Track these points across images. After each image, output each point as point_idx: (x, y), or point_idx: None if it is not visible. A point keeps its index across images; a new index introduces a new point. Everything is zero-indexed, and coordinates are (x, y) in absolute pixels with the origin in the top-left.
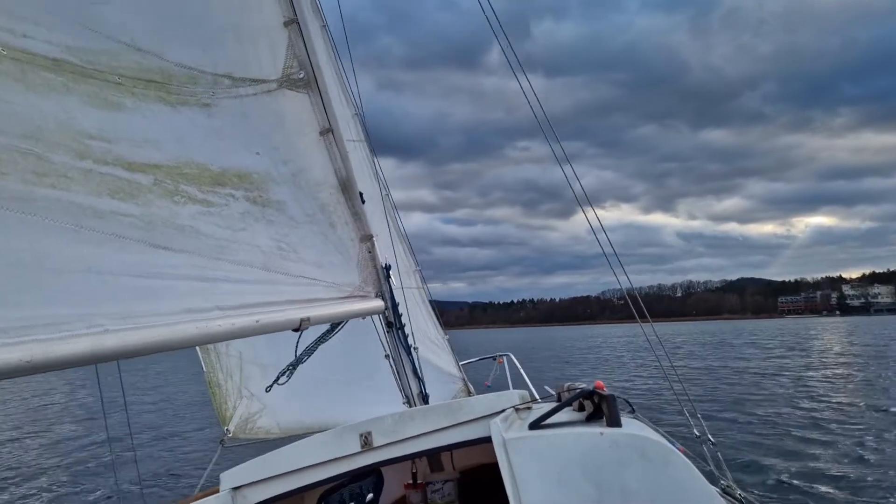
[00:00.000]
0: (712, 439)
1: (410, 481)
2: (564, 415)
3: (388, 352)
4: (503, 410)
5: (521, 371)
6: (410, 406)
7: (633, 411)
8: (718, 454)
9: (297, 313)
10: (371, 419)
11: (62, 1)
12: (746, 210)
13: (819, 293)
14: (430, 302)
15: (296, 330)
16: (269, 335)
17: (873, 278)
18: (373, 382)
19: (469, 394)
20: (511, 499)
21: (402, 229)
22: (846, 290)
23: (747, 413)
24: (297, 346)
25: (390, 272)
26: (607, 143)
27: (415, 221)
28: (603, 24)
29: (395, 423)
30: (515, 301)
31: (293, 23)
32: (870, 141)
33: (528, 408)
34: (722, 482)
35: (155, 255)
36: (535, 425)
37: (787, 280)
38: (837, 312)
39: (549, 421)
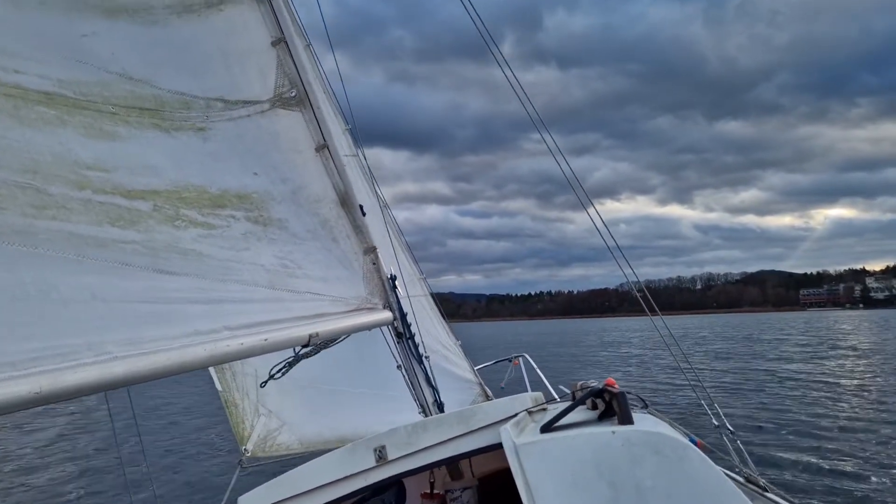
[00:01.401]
0: (731, 428)
1: (428, 490)
2: (578, 414)
3: (400, 362)
4: (516, 414)
5: (538, 371)
6: (426, 415)
7: (646, 406)
8: (738, 443)
9: (305, 329)
10: (384, 432)
11: (52, 35)
12: (764, 202)
13: (842, 286)
14: (440, 308)
15: (305, 346)
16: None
17: None
18: (391, 392)
19: (487, 398)
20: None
21: (403, 239)
22: (870, 282)
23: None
24: (295, 349)
25: (396, 282)
26: (623, 135)
27: (430, 214)
28: (616, 15)
29: (409, 434)
30: (533, 293)
31: (281, 42)
32: (890, 131)
33: (544, 409)
34: (745, 471)
35: (160, 280)
36: (546, 428)
37: (808, 272)
38: (861, 305)
39: (561, 422)
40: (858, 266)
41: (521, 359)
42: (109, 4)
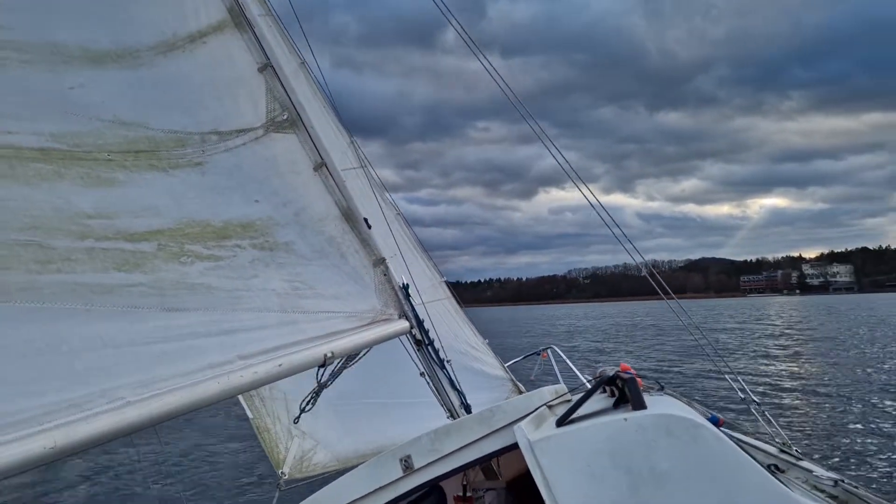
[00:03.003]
0: (756, 399)
1: (461, 493)
2: (597, 403)
3: (423, 369)
4: (536, 410)
5: (568, 362)
6: (454, 419)
7: (661, 388)
8: (766, 413)
9: (320, 350)
10: (408, 442)
11: (40, 92)
12: (703, 191)
13: (780, 272)
14: (463, 309)
15: (321, 366)
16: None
17: (832, 258)
18: (421, 398)
19: (519, 393)
20: (546, 501)
21: (419, 244)
22: (806, 269)
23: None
24: (317, 373)
25: (409, 290)
26: (567, 124)
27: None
28: (559, 4)
29: (433, 441)
30: (482, 280)
31: (267, 67)
32: (820, 124)
33: (567, 401)
34: (777, 440)
35: (169, 318)
36: (561, 421)
37: (748, 260)
38: (798, 291)
39: (578, 413)
40: (794, 253)
41: (549, 351)
42: (94, 53)
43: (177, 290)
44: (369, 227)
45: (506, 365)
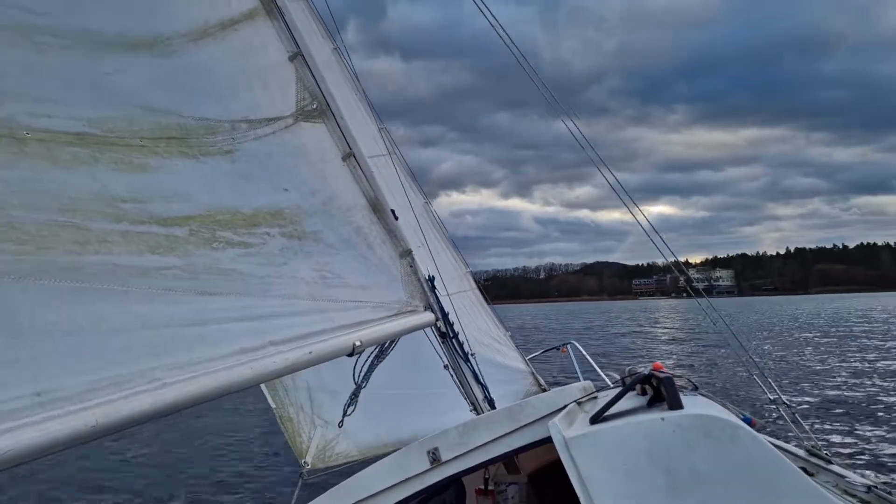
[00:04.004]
0: (787, 401)
1: (482, 486)
2: (628, 401)
3: (447, 362)
4: (565, 406)
5: (588, 357)
6: (477, 413)
7: (695, 388)
8: (796, 415)
9: (348, 339)
10: (436, 434)
11: (77, 77)
12: (597, 198)
13: (668, 276)
14: (488, 301)
15: (350, 355)
16: (333, 361)
17: (715, 263)
18: (443, 390)
19: (540, 387)
20: (581, 498)
21: (447, 236)
22: (692, 273)
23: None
24: (353, 372)
25: (434, 283)
26: (467, 129)
27: None
28: (457, 9)
29: (461, 434)
30: None
31: (297, 56)
32: (702, 137)
33: (594, 398)
34: (806, 442)
35: (203, 302)
36: (595, 419)
37: (640, 264)
38: (684, 295)
39: (611, 411)
40: (682, 259)
41: (569, 346)
42: (130, 41)
43: (209, 275)
44: (396, 217)
45: (527, 358)
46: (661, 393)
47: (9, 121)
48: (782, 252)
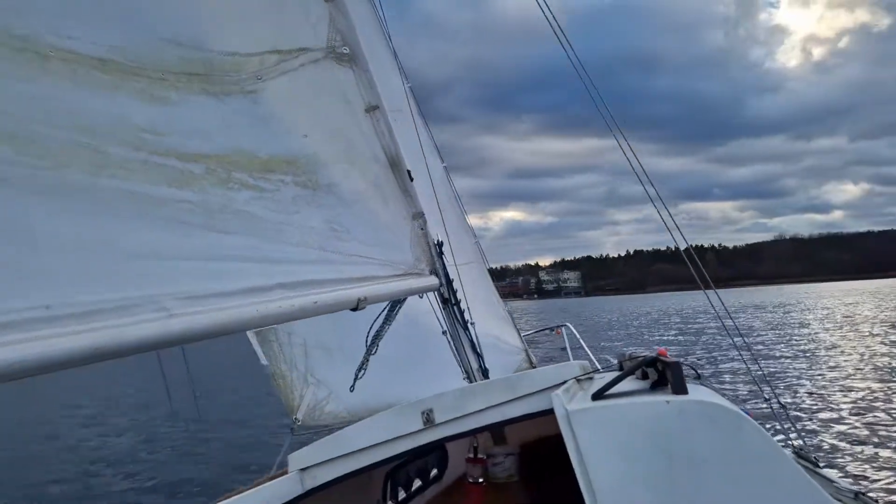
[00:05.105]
0: (781, 401)
1: (471, 455)
2: (627, 384)
3: (446, 328)
4: (564, 382)
5: (581, 341)
6: (471, 381)
7: (698, 377)
8: (789, 417)
9: (354, 292)
10: (432, 396)
11: (104, 2)
12: None
13: (521, 278)
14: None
15: (353, 309)
16: (334, 317)
17: (563, 265)
18: (436, 359)
19: (532, 365)
20: (577, 472)
21: (459, 201)
22: (542, 276)
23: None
24: (367, 337)
25: (443, 248)
26: None
27: None
28: None
29: (457, 399)
30: None
31: None
32: (547, 146)
33: (590, 378)
34: (794, 444)
35: (216, 239)
36: (598, 396)
37: (494, 267)
38: (536, 296)
39: (612, 391)
40: (532, 262)
41: (563, 328)
42: None
43: (223, 214)
44: (412, 178)
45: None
46: (664, 378)
47: (34, 37)
48: (623, 254)
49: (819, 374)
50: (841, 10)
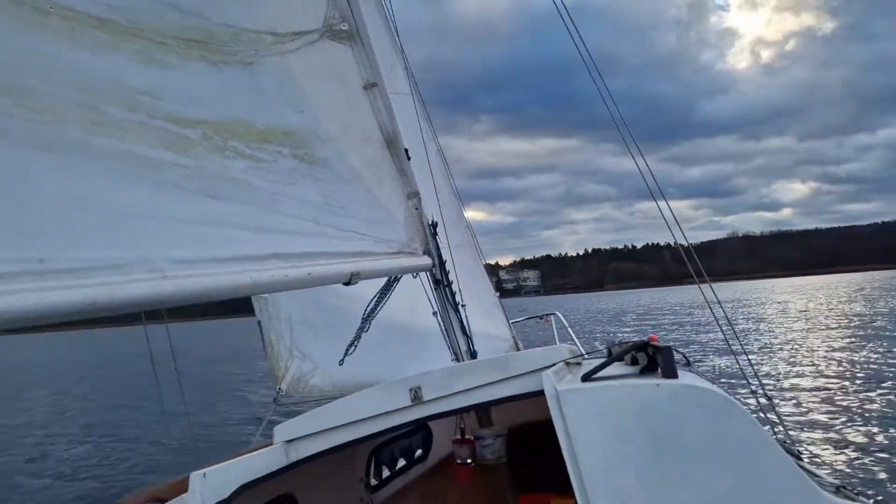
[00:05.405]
0: (767, 394)
1: (458, 436)
2: (617, 369)
3: (436, 309)
4: (553, 364)
5: (569, 330)
6: (458, 362)
7: (688, 364)
8: (775, 409)
9: (347, 267)
10: (421, 374)
11: None
12: None
13: None
14: (483, 259)
15: (346, 283)
16: (319, 298)
17: (523, 264)
18: (424, 339)
19: (517, 350)
20: (565, 452)
21: (453, 184)
22: (502, 275)
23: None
24: (364, 312)
25: (437, 229)
26: None
27: None
28: None
29: (445, 377)
30: None
31: None
32: (506, 146)
33: (579, 363)
34: (779, 437)
35: (212, 205)
36: (588, 377)
37: None
38: (498, 294)
39: (602, 373)
40: (493, 261)
41: (552, 317)
42: None
43: (219, 180)
44: (408, 157)
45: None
46: (654, 363)
47: None
48: (581, 253)
49: (787, 370)
50: (787, 13)
